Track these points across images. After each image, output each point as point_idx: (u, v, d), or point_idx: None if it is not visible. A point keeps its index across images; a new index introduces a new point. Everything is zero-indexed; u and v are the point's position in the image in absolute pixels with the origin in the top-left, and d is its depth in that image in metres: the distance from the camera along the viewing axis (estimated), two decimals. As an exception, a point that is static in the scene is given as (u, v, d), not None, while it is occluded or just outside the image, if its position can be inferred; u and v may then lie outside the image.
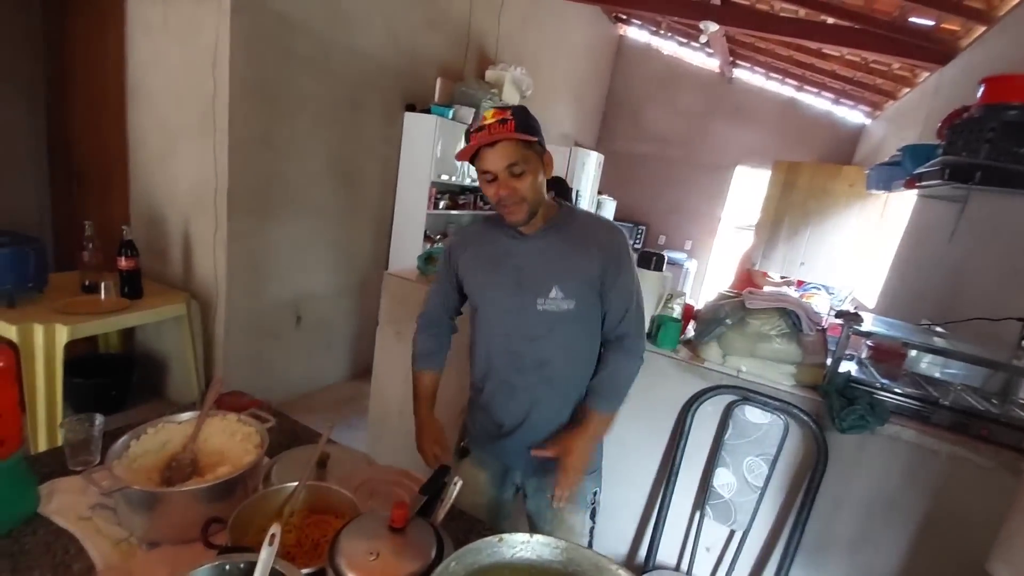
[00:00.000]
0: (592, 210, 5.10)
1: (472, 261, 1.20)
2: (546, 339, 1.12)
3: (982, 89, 1.78)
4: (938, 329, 1.69)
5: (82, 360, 2.50)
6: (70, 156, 2.96)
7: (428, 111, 3.26)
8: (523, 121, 1.02)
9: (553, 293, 1.09)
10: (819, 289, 4.33)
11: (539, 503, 1.24)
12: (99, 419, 1.01)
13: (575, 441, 1.13)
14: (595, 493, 1.26)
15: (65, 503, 0.89)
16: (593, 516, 1.26)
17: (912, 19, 3.21)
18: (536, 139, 1.04)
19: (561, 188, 3.34)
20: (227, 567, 0.66)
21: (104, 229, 2.35)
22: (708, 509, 1.56)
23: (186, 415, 1.02)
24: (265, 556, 0.64)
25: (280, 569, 0.65)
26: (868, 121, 5.18)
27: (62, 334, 1.94)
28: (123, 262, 2.24)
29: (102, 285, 2.18)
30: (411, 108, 3.29)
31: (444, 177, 3.43)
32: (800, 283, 4.57)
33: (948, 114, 2.01)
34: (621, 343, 1.17)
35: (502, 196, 1.05)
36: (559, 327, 1.12)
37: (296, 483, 0.88)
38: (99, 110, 2.75)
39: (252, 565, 0.64)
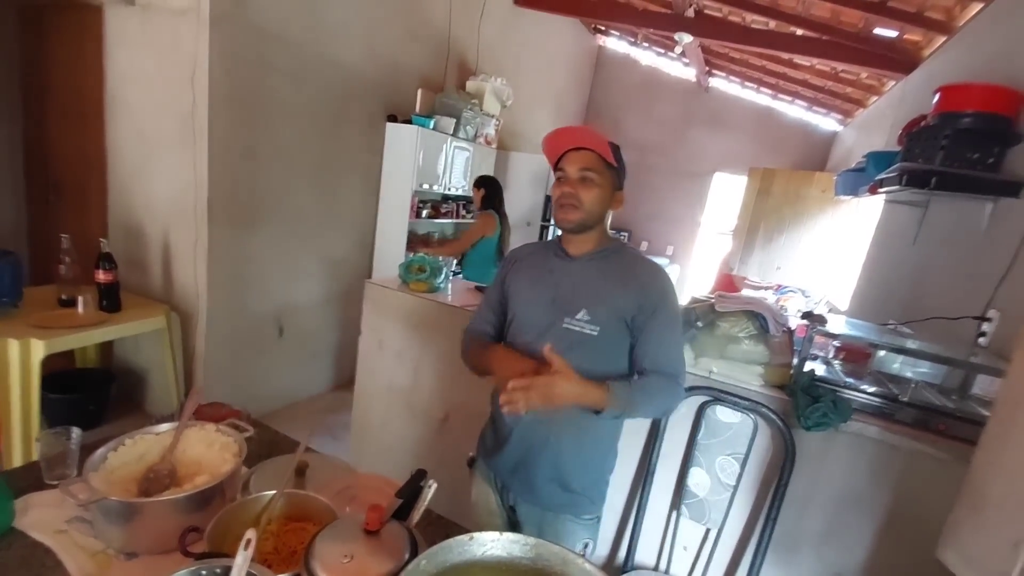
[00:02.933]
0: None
1: (519, 274, 1.25)
2: (563, 356, 1.08)
3: (937, 97, 1.85)
4: (904, 329, 1.76)
5: (59, 375, 2.46)
6: (47, 168, 2.93)
7: (409, 121, 3.30)
8: (614, 148, 1.13)
9: (580, 315, 1.11)
10: (795, 292, 4.44)
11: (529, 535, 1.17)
12: (76, 432, 1.00)
13: (568, 374, 1.02)
14: (587, 544, 1.20)
15: (41, 517, 0.89)
16: None
17: (877, 30, 3.34)
18: (615, 165, 1.14)
19: (492, 187, 3.37)
20: (203, 572, 0.67)
21: (81, 242, 2.33)
22: (684, 508, 1.60)
23: (164, 426, 1.03)
24: (240, 561, 0.65)
25: (256, 573, 0.67)
26: (840, 128, 5.33)
27: (38, 349, 1.92)
28: (101, 275, 2.22)
29: (79, 299, 2.16)
30: (392, 119, 3.32)
31: (426, 186, 3.46)
32: (778, 286, 4.68)
33: (908, 122, 2.09)
34: (659, 370, 1.12)
35: (565, 192, 1.11)
36: (578, 350, 1.11)
37: (274, 492, 0.89)
38: (77, 122, 2.74)
39: (228, 570, 0.65)
